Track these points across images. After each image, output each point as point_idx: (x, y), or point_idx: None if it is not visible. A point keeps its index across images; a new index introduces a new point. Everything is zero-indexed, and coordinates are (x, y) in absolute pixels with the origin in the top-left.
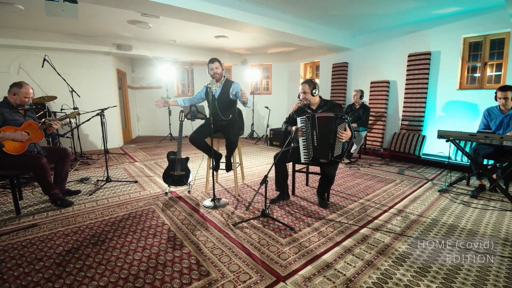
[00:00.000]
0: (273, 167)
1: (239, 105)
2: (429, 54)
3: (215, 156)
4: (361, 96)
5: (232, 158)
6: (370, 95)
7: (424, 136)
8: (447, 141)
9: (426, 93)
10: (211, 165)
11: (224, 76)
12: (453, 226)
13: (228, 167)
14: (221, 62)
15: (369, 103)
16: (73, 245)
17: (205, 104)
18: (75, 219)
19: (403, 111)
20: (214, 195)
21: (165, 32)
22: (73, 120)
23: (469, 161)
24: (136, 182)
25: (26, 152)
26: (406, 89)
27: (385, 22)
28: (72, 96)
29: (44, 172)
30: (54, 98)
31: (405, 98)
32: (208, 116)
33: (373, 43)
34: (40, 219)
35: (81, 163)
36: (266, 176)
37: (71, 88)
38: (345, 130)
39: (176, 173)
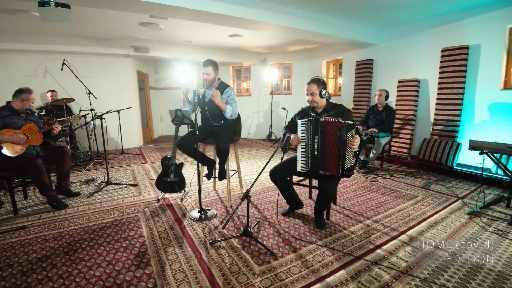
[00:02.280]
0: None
1: (240, 108)
2: (467, 48)
3: (207, 163)
4: (386, 97)
5: (225, 166)
6: (397, 95)
7: (459, 144)
8: (480, 153)
9: (462, 93)
10: (204, 173)
11: (219, 79)
12: (478, 266)
13: (221, 176)
14: (216, 66)
15: (396, 105)
16: (47, 252)
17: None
18: (62, 223)
19: (435, 114)
20: (200, 206)
21: (178, 33)
22: (77, 122)
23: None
24: (136, 185)
25: (24, 154)
26: (439, 88)
27: (415, 13)
28: (89, 98)
29: (39, 173)
30: (72, 100)
31: (437, 99)
32: (194, 121)
33: (401, 37)
34: (32, 221)
35: (95, 163)
36: (248, 191)
37: (88, 90)
38: (354, 138)
39: (169, 179)
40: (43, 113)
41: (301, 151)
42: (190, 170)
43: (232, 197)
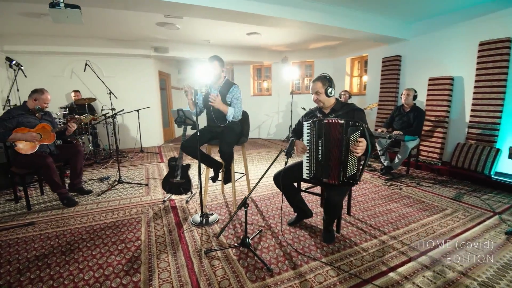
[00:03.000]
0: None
1: (246, 107)
2: (509, 41)
3: (213, 165)
4: (415, 97)
5: (231, 169)
6: (428, 95)
7: (498, 150)
8: None
9: (504, 92)
10: (209, 175)
11: (225, 77)
12: None
13: (226, 179)
14: (222, 63)
15: (426, 105)
16: (46, 251)
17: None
18: (68, 221)
19: (471, 116)
20: (202, 210)
21: (195, 32)
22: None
23: None
24: (146, 185)
25: (36, 152)
26: (476, 87)
27: (448, 4)
28: (110, 98)
29: (49, 171)
30: (94, 100)
31: (474, 99)
32: (196, 122)
33: (433, 30)
34: (41, 217)
35: (114, 161)
36: (245, 199)
37: (109, 89)
38: (358, 142)
39: (175, 180)
40: (67, 111)
41: (306, 156)
42: (197, 171)
43: (238, 201)
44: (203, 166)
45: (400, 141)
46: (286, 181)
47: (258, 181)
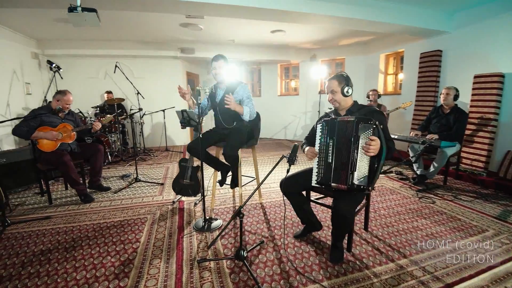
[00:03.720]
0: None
1: (273, 107)
2: None
3: (220, 168)
4: (456, 97)
5: (238, 173)
6: (473, 94)
7: None
8: None
9: None
10: (217, 178)
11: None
12: None
13: (232, 183)
14: (227, 61)
15: (471, 106)
16: (51, 246)
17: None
18: (80, 217)
19: None
20: (204, 216)
21: (219, 32)
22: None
23: None
24: (162, 184)
25: (57, 150)
26: None
27: None
28: (138, 98)
29: (66, 168)
30: (122, 100)
31: None
32: (198, 123)
33: (480, 20)
34: (58, 212)
35: (140, 159)
36: (241, 207)
37: (137, 90)
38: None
39: (185, 182)
40: (98, 111)
41: (316, 160)
42: (207, 173)
43: (247, 207)
44: (211, 169)
45: (436, 147)
46: (293, 188)
47: (255, 191)
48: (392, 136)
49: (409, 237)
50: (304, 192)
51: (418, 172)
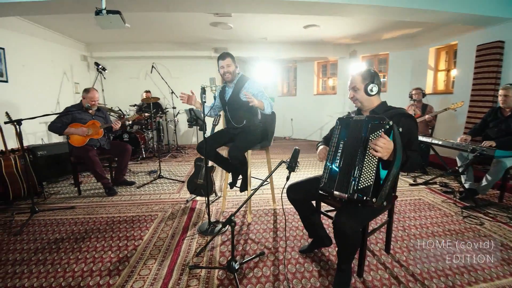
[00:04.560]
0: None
1: (308, 107)
2: None
3: (231, 170)
4: None
5: (247, 176)
6: None
7: None
8: None
9: None
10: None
11: (239, 73)
12: None
13: (242, 186)
14: (234, 59)
15: None
16: (65, 235)
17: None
18: (99, 209)
19: None
20: (209, 219)
21: (250, 30)
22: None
23: None
24: (182, 182)
25: (86, 145)
26: None
27: None
28: (172, 97)
29: (91, 163)
30: (158, 99)
31: None
32: (203, 122)
33: None
34: (83, 202)
35: (171, 156)
36: (232, 215)
37: (171, 89)
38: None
39: (198, 181)
40: (135, 109)
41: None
42: (222, 174)
43: (257, 212)
44: (221, 171)
45: (490, 156)
46: (300, 196)
47: (249, 197)
48: (435, 141)
49: (440, 266)
50: (314, 202)
51: (466, 186)
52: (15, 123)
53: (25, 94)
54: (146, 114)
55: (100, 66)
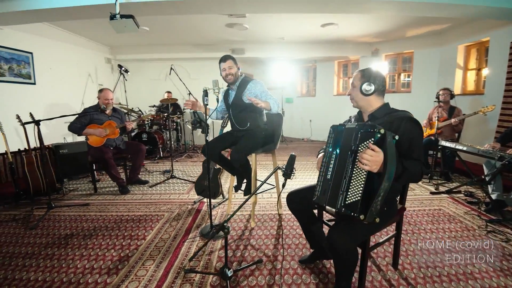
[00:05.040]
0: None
1: (327, 108)
2: None
3: (236, 173)
4: None
5: (251, 180)
6: None
7: None
8: None
9: None
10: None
11: (241, 75)
12: None
13: (245, 190)
14: (235, 60)
15: None
16: (74, 232)
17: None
18: (111, 207)
19: None
20: (211, 222)
21: (266, 30)
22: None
23: None
24: (194, 182)
25: (104, 145)
26: None
27: None
28: (190, 99)
29: (106, 165)
30: (175, 100)
31: None
32: (205, 124)
33: None
34: (97, 200)
35: (187, 156)
36: (225, 222)
37: (189, 91)
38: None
39: (206, 183)
40: (154, 110)
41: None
42: (229, 176)
43: (262, 217)
44: (228, 174)
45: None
46: (300, 204)
47: (243, 203)
48: (459, 147)
49: (453, 287)
50: (316, 211)
51: (493, 196)
52: (34, 123)
53: (51, 95)
54: (165, 114)
55: (123, 68)
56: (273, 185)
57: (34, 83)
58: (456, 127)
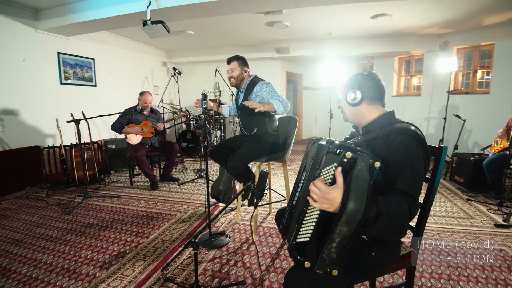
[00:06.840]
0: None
1: (404, 111)
2: None
3: (243, 179)
4: None
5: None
6: None
7: None
8: None
9: None
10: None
11: (250, 76)
12: None
13: (250, 201)
14: (243, 61)
15: None
16: (95, 222)
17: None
18: (135, 201)
19: None
20: (210, 231)
21: (310, 27)
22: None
23: None
24: None
25: (140, 143)
26: None
27: None
28: (231, 99)
29: (138, 162)
30: (215, 101)
31: None
32: (205, 127)
33: None
34: (129, 193)
35: None
36: (194, 237)
37: (232, 91)
38: (327, 182)
39: (221, 187)
40: (199, 111)
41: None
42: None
43: (269, 231)
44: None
45: None
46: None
47: (217, 215)
48: None
49: None
50: None
51: None
52: (74, 122)
53: (109, 95)
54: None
55: (176, 71)
56: (284, 197)
57: (95, 85)
58: None
